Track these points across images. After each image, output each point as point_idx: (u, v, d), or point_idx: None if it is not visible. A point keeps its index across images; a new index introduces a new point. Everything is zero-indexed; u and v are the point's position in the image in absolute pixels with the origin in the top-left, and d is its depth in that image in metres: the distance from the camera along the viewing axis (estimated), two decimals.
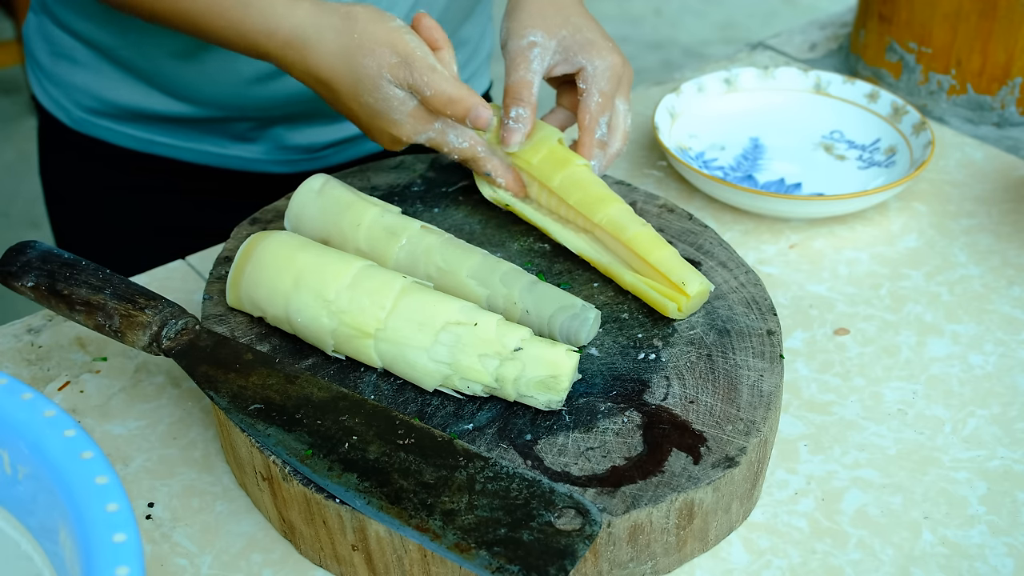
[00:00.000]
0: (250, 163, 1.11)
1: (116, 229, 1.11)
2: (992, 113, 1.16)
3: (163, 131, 1.07)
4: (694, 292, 0.78)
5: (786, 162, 1.08)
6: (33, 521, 0.55)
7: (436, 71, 0.82)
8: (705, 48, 3.45)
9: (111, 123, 1.07)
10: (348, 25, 0.82)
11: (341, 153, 1.14)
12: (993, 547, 0.72)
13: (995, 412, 0.82)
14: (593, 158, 0.89)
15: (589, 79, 0.89)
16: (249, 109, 1.04)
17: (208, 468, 0.78)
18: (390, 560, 0.67)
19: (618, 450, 0.69)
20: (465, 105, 0.83)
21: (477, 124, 0.84)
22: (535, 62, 0.89)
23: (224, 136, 1.08)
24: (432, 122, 0.85)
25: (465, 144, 0.87)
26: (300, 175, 1.12)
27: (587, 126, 0.89)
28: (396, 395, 0.73)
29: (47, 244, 0.78)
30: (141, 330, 0.74)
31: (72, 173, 1.12)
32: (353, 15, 0.82)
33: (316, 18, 0.82)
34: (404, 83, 0.82)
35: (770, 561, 0.71)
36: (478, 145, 0.87)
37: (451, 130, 0.86)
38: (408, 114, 0.84)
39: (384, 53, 0.81)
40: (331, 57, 0.82)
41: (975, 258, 0.97)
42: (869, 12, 1.21)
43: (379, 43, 0.81)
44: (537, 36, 0.89)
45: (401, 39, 0.82)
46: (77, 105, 1.07)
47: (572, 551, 0.60)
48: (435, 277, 0.79)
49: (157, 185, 1.11)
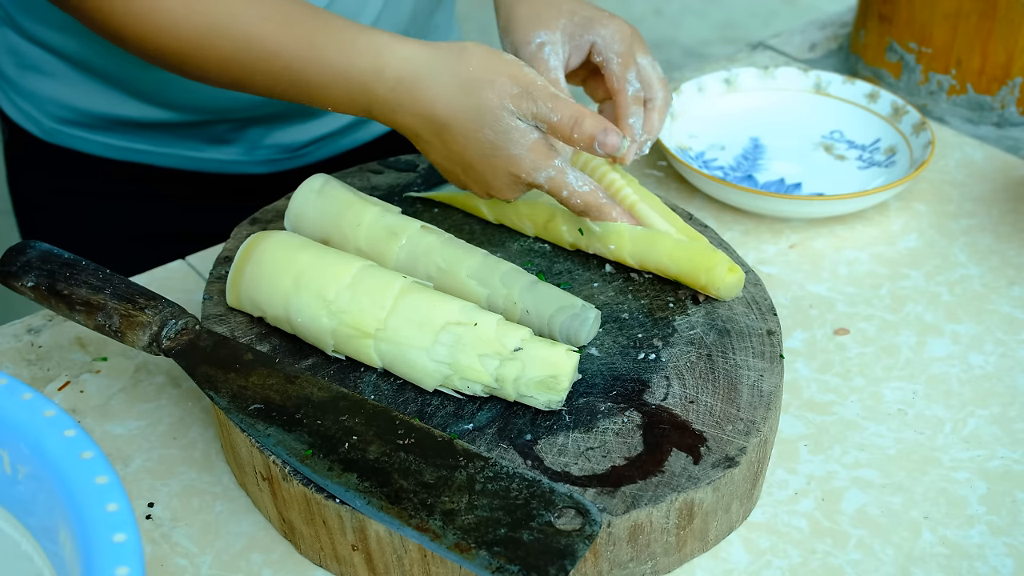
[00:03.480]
0: (228, 165, 1.10)
1: (93, 238, 1.09)
2: (992, 113, 1.16)
3: (138, 137, 1.06)
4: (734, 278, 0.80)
5: (786, 162, 1.08)
6: (33, 521, 0.55)
7: (560, 97, 0.78)
8: (705, 48, 3.45)
9: (84, 132, 1.06)
10: (463, 60, 0.78)
11: (319, 151, 1.13)
12: (993, 547, 0.72)
13: (995, 412, 0.82)
14: (632, 116, 0.89)
15: (603, 49, 0.90)
16: (226, 111, 1.04)
17: (208, 468, 0.78)
18: (390, 560, 0.67)
19: (618, 450, 0.69)
20: (593, 128, 0.77)
21: (606, 148, 0.78)
22: (551, 59, 0.89)
23: (201, 139, 1.07)
24: (552, 158, 0.79)
25: (587, 188, 0.80)
26: (279, 175, 1.12)
27: (618, 87, 0.89)
28: (396, 395, 0.73)
29: (47, 244, 0.78)
30: (141, 330, 0.74)
31: (45, 184, 1.11)
32: (467, 50, 0.79)
33: (429, 53, 0.79)
34: (528, 113, 0.78)
35: (770, 561, 0.71)
36: (599, 191, 0.81)
37: (571, 171, 0.80)
38: (529, 148, 0.79)
39: (505, 83, 0.77)
40: (449, 91, 0.78)
41: (975, 258, 0.97)
42: (869, 12, 1.21)
43: (499, 73, 0.78)
44: (542, 36, 0.90)
45: (520, 70, 0.78)
46: (48, 116, 1.06)
47: (572, 551, 0.60)
48: (435, 277, 0.79)
49: (134, 192, 1.10)
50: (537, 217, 0.86)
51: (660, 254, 0.81)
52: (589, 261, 0.86)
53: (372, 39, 0.79)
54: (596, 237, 0.83)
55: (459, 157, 0.80)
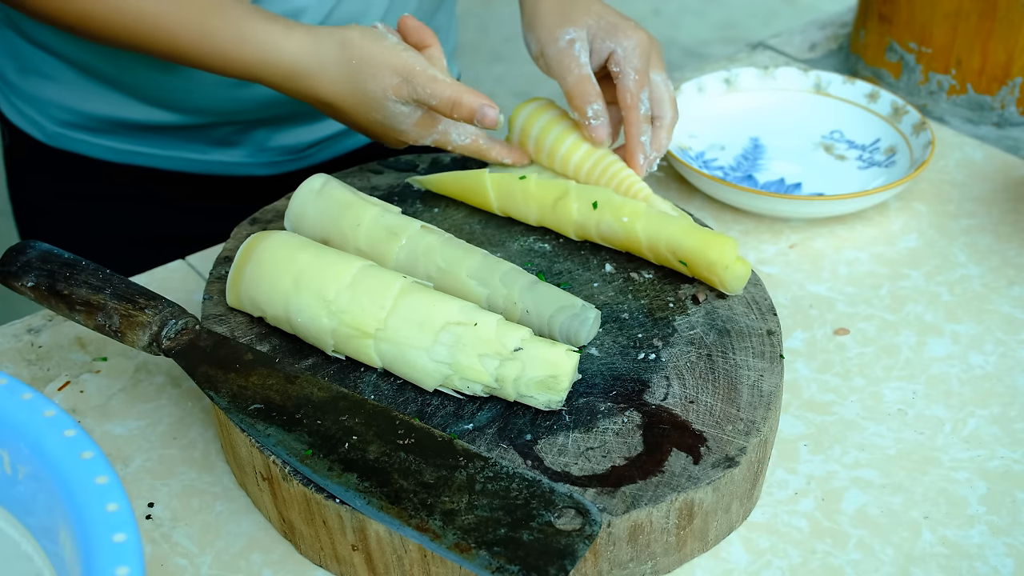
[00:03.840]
0: (233, 167, 1.10)
1: (93, 242, 1.09)
2: (992, 113, 1.16)
3: (142, 140, 1.06)
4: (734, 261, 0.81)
5: (786, 162, 1.08)
6: (33, 521, 0.55)
7: (437, 80, 0.85)
8: (705, 48, 3.45)
9: (87, 135, 1.06)
10: (346, 52, 0.85)
11: (324, 151, 1.13)
12: (993, 547, 0.72)
13: (995, 412, 0.82)
14: (643, 134, 0.91)
15: (621, 60, 0.91)
16: (231, 113, 1.04)
17: (208, 468, 0.78)
18: (390, 560, 0.67)
19: (618, 450, 0.69)
20: (471, 107, 0.85)
21: (484, 124, 0.85)
22: (582, 56, 0.91)
23: (206, 142, 1.07)
24: (436, 125, 0.89)
25: (467, 140, 0.91)
26: (284, 176, 1.12)
27: (630, 104, 0.91)
28: (396, 395, 0.73)
29: (47, 244, 0.78)
30: (141, 330, 0.74)
31: (47, 189, 1.11)
32: (348, 40, 0.85)
33: (314, 47, 0.85)
34: (409, 99, 0.86)
35: (770, 561, 0.71)
36: (480, 138, 0.91)
37: (453, 129, 0.90)
38: (414, 124, 0.88)
39: (385, 74, 0.85)
40: (335, 85, 0.86)
41: (975, 258, 0.97)
42: (869, 12, 1.21)
43: (379, 65, 0.85)
44: (572, 33, 0.91)
45: (398, 57, 0.85)
46: (51, 119, 1.05)
47: (572, 551, 0.60)
48: (435, 277, 0.79)
49: (136, 195, 1.10)
50: (545, 199, 0.86)
51: (674, 230, 0.82)
52: (589, 261, 0.86)
53: (259, 31, 0.85)
54: (611, 208, 0.84)
55: (356, 127, 0.90)
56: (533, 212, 0.87)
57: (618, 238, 0.84)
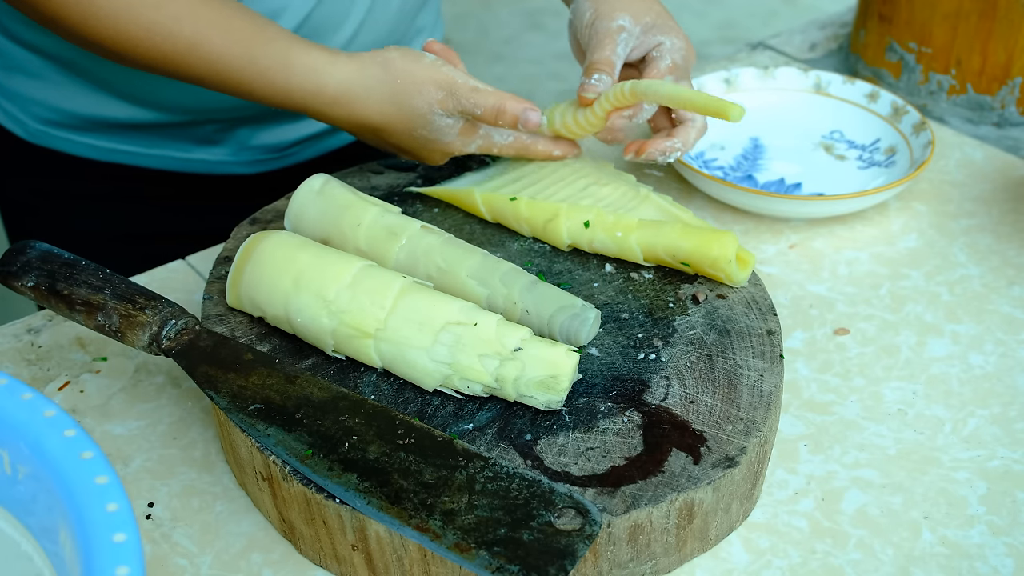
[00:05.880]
0: (215, 165, 1.10)
1: (80, 240, 1.07)
2: (992, 113, 1.16)
3: (124, 139, 1.06)
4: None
5: (786, 162, 1.08)
6: (33, 521, 0.55)
7: (479, 90, 0.87)
8: (705, 48, 3.45)
9: (70, 134, 1.06)
10: (389, 73, 0.87)
11: (307, 150, 1.13)
12: (993, 547, 0.72)
13: (995, 412, 0.82)
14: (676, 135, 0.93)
15: (665, 51, 0.93)
16: (213, 112, 1.04)
17: (208, 468, 0.78)
18: (390, 560, 0.67)
19: (618, 450, 0.69)
20: (514, 113, 0.88)
21: (528, 127, 0.88)
22: (620, 46, 0.92)
23: (188, 140, 1.07)
24: (477, 131, 0.91)
25: (510, 139, 0.93)
26: (267, 175, 1.12)
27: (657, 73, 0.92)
28: (396, 395, 0.73)
29: (47, 244, 0.78)
30: (141, 330, 0.74)
31: (32, 187, 1.10)
32: (390, 61, 0.87)
33: (359, 72, 0.87)
34: (454, 111, 0.88)
35: (770, 561, 0.71)
36: (522, 136, 0.93)
37: (495, 133, 0.92)
38: (457, 134, 0.90)
39: (430, 89, 0.87)
40: (381, 105, 0.87)
41: (975, 258, 0.97)
42: (869, 12, 1.21)
43: (422, 82, 0.87)
44: (625, 21, 0.92)
45: (439, 72, 0.87)
46: (33, 118, 1.05)
47: (572, 551, 0.60)
48: (435, 277, 0.79)
49: (120, 193, 1.09)
50: (535, 220, 0.87)
51: (670, 234, 0.82)
52: (589, 261, 0.86)
53: (306, 58, 0.86)
54: (605, 227, 0.84)
55: (395, 147, 0.91)
56: (525, 230, 0.88)
57: (612, 252, 0.85)
